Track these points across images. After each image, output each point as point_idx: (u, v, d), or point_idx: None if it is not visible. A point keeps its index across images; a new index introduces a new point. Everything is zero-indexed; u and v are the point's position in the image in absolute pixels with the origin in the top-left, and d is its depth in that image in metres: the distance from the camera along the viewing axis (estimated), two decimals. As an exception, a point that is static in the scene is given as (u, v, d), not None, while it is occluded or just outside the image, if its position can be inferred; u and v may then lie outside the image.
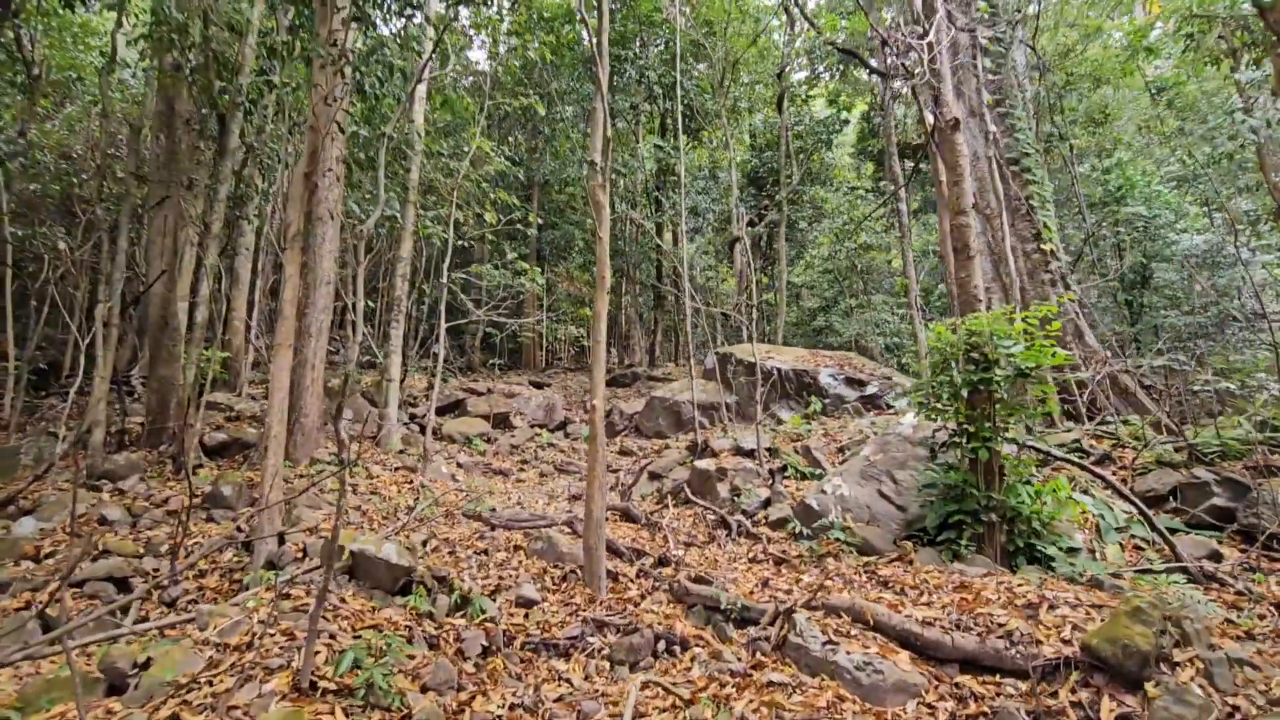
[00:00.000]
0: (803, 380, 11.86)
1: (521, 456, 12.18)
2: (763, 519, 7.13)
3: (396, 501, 7.35)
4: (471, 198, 11.31)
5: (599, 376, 5.74)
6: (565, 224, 21.90)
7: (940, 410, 5.76)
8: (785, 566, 5.65)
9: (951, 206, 6.19)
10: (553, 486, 10.56)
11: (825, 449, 8.94)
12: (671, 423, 13.31)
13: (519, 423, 13.62)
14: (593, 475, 5.51)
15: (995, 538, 5.38)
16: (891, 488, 6.38)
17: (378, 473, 8.71)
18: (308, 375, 9.19)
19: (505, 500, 8.85)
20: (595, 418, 5.57)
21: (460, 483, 9.88)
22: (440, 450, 11.69)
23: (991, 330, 5.42)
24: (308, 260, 9.53)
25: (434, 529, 6.48)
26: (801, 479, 8.30)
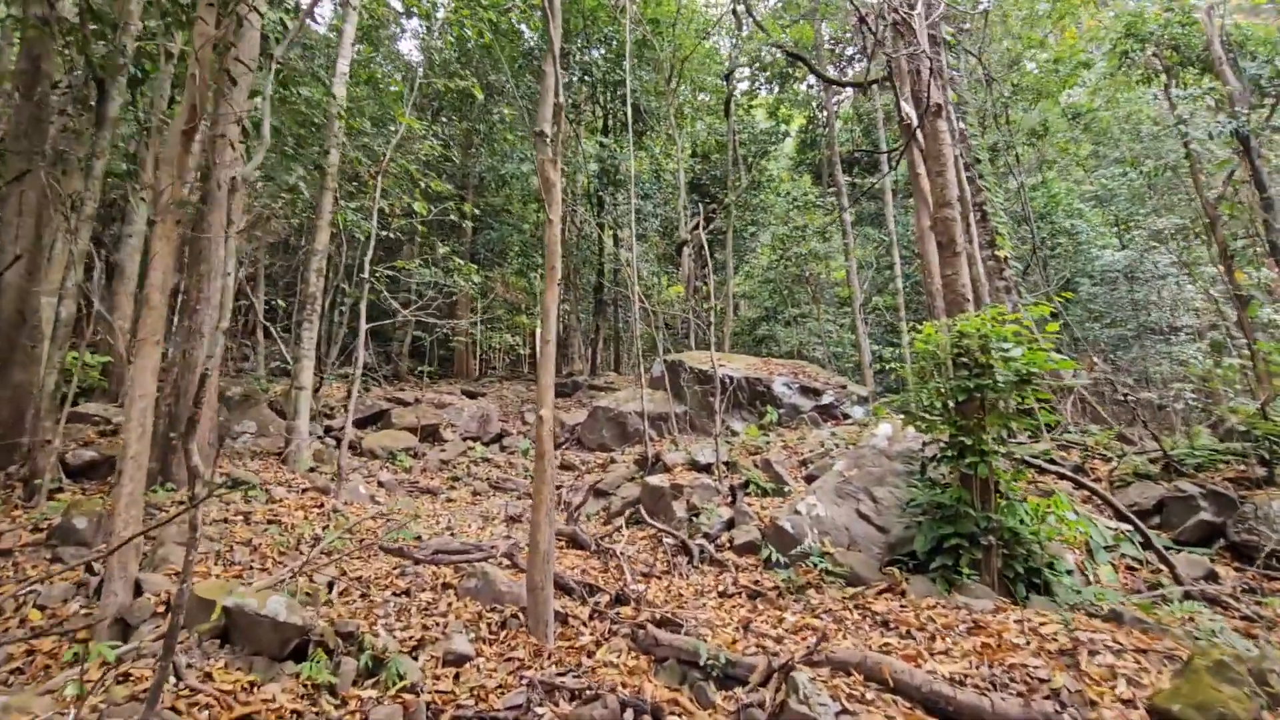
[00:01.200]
0: (755, 389, 11.30)
1: (452, 473, 11.06)
2: (727, 542, 6.40)
3: (301, 531, 6.20)
4: (400, 185, 10.19)
5: (547, 382, 4.87)
6: (503, 225, 20.81)
7: (929, 421, 5.18)
8: (762, 601, 4.92)
9: (935, 199, 5.70)
10: (488, 506, 9.54)
11: (787, 463, 8.33)
12: (616, 434, 12.49)
13: (450, 435, 12.46)
14: (539, 499, 4.63)
15: (992, 563, 4.82)
16: (870, 507, 5.77)
17: (281, 496, 7.48)
18: (197, 382, 7.85)
19: (433, 525, 7.78)
20: (543, 432, 4.70)
21: (382, 505, 8.72)
22: (360, 467, 10.44)
23: (986, 332, 4.89)
24: (202, 247, 8.21)
25: (344, 565, 5.41)
26: (764, 495, 7.64)
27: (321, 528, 6.59)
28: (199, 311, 8.03)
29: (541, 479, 4.67)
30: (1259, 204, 9.40)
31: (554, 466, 4.71)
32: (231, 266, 8.51)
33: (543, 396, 4.82)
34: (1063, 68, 14.64)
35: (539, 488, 4.66)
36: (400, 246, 15.11)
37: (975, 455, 4.81)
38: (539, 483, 4.67)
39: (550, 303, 4.97)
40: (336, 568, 5.32)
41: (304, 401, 9.39)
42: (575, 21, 18.30)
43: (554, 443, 12.53)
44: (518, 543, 6.50)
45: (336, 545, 5.87)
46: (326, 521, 6.98)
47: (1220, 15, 10.02)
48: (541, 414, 4.75)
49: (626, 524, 8.06)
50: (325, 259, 10.05)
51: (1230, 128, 9.39)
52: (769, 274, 24.97)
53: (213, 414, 8.01)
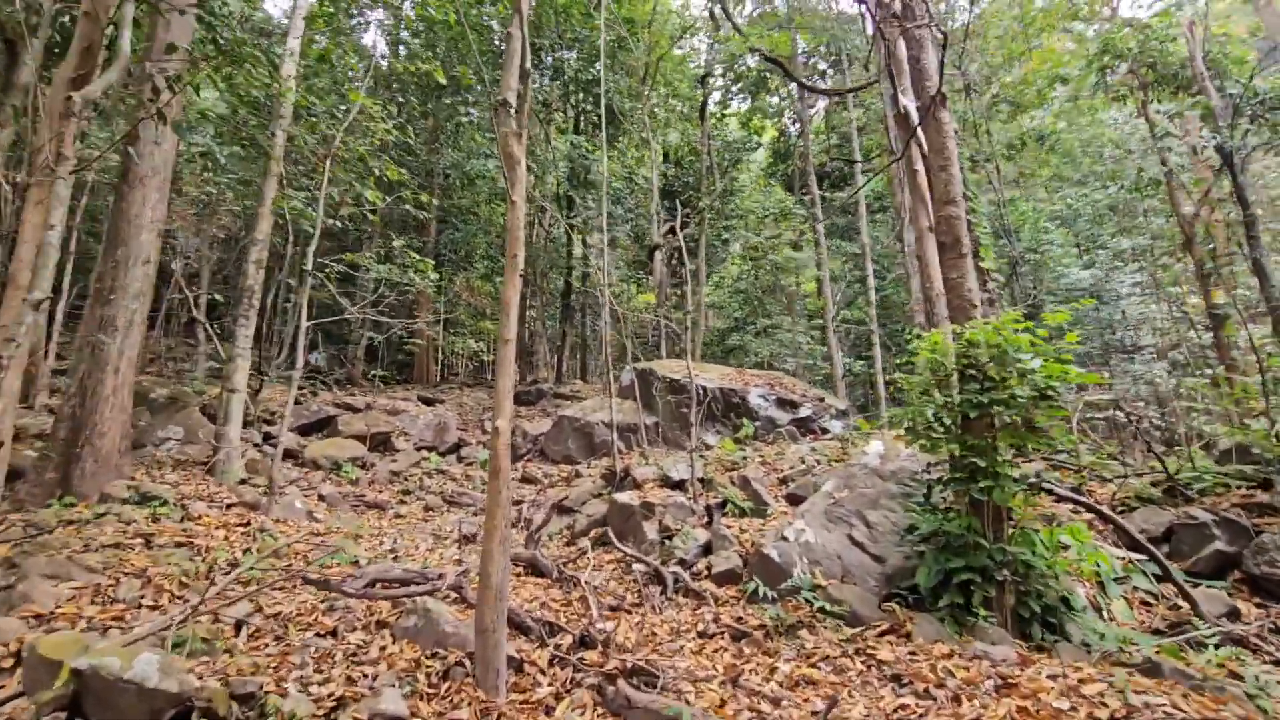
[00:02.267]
0: (730, 401, 10.74)
1: (404, 486, 10.21)
2: (705, 570, 5.76)
3: (215, 556, 5.35)
4: (353, 171, 9.37)
5: (505, 387, 4.19)
6: (468, 225, 19.98)
7: (934, 439, 4.65)
8: (748, 644, 4.29)
9: (938, 195, 5.21)
10: (440, 523, 8.73)
11: (765, 480, 7.76)
12: (582, 446, 11.79)
13: (403, 445, 11.59)
14: (492, 525, 3.93)
15: (1005, 600, 4.29)
16: (865, 533, 5.21)
17: (200, 513, 6.58)
18: (108, 381, 6.92)
19: (376, 546, 6.97)
20: (499, 445, 4.00)
21: (321, 522, 7.86)
22: (299, 479, 9.52)
23: (999, 342, 4.38)
24: (120, 228, 7.30)
25: (262, 599, 4.60)
26: (742, 515, 7.04)
27: (243, 551, 5.75)
28: (113, 302, 7.11)
29: (496, 501, 3.98)
30: (1241, 221, 9.26)
31: (511, 486, 4.02)
32: (154, 253, 7.62)
33: (500, 404, 4.13)
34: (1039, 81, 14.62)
35: (492, 511, 3.97)
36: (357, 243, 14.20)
37: (989, 479, 4.28)
38: (492, 505, 3.97)
39: (511, 296, 4.30)
40: (252, 602, 4.51)
41: (236, 405, 8.46)
42: (547, 17, 17.70)
43: (516, 454, 11.74)
44: (469, 570, 5.75)
45: (255, 573, 5.04)
46: (251, 543, 6.12)
47: (1203, 29, 9.93)
48: (498, 425, 4.06)
49: (593, 546, 7.38)
50: (266, 250, 9.16)
51: (1214, 143, 9.24)
52: (739, 284, 24.65)
53: (125, 417, 7.08)
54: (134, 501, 6.02)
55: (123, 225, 7.31)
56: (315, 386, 13.64)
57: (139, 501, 6.03)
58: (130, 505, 5.94)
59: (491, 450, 4.00)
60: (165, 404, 9.22)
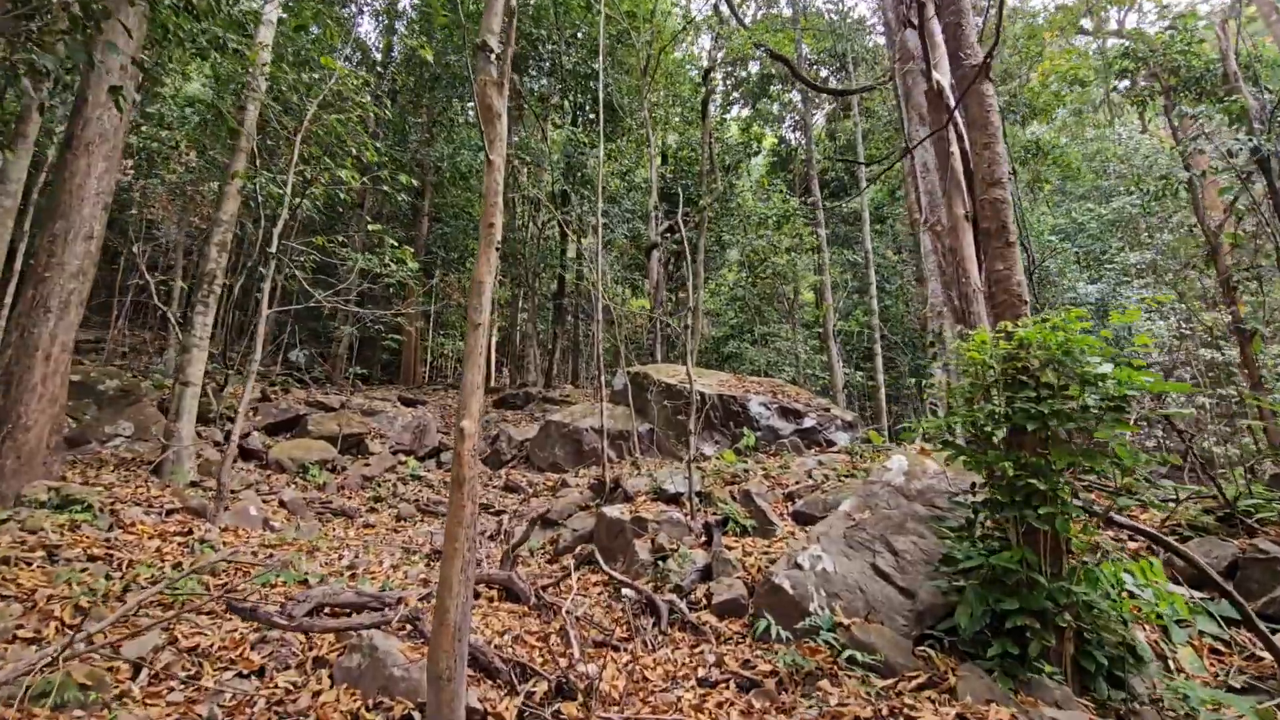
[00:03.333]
0: (729, 408, 10.05)
1: (375, 492, 9.44)
2: (704, 599, 5.05)
3: (136, 573, 4.59)
4: (328, 153, 8.66)
5: (474, 381, 3.47)
6: (459, 222, 19.27)
7: (978, 456, 3.96)
8: (759, 696, 3.58)
9: (981, 176, 4.56)
10: (412, 535, 7.98)
11: (769, 496, 7.06)
12: (570, 453, 11.06)
13: (377, 447, 10.82)
14: (452, 549, 3.20)
15: (1064, 649, 3.60)
16: (890, 562, 4.52)
17: (134, 519, 5.81)
18: (36, 369, 6.15)
19: (335, 560, 6.21)
20: (463, 449, 3.29)
21: (279, 530, 7.10)
22: (259, 483, 8.74)
23: (1060, 342, 3.71)
24: (61, 200, 6.55)
25: (180, 629, 3.85)
26: (744, 535, 6.34)
27: (173, 566, 4.98)
28: (48, 280, 6.35)
29: (458, 518, 3.25)
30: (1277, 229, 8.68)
31: (476, 500, 3.30)
32: (99, 228, 6.87)
33: (466, 402, 3.42)
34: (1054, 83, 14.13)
35: (453, 530, 3.24)
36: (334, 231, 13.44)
37: (1051, 505, 3.60)
38: (453, 524, 3.25)
39: (484, 274, 3.59)
40: (165, 632, 3.76)
41: (190, 400, 7.70)
42: (546, 11, 17.12)
43: (500, 460, 10.93)
44: (431, 596, 5.02)
45: (178, 594, 4.29)
46: (186, 556, 5.36)
47: (1236, 28, 9.41)
48: (463, 426, 3.35)
49: (577, 565, 6.65)
50: (231, 233, 8.42)
51: (1249, 145, 8.68)
52: (735, 291, 24.06)
53: (56, 410, 6.30)
54: (52, 506, 5.25)
55: (64, 196, 6.57)
56: (288, 383, 12.85)
57: (58, 506, 5.26)
58: (46, 510, 5.17)
59: (455, 455, 3.28)
60: (115, 397, 8.44)
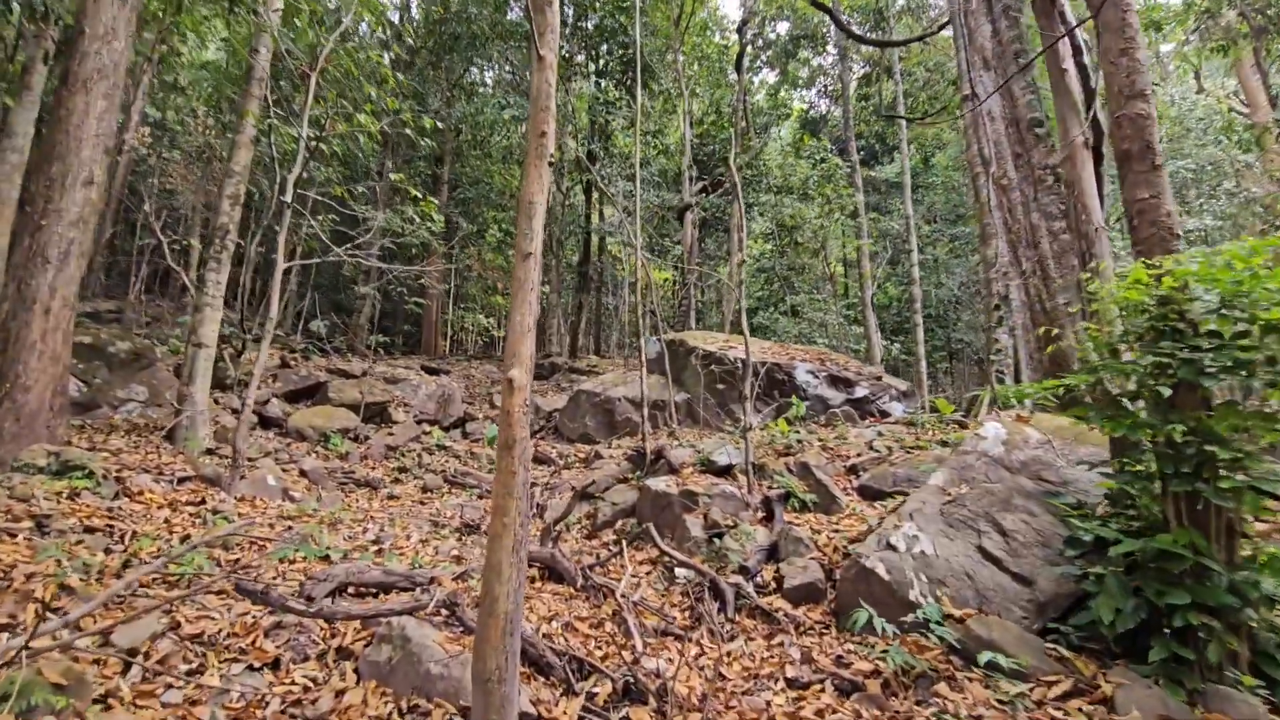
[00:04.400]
0: (774, 377, 9.39)
1: (400, 462, 8.96)
2: (773, 581, 4.46)
3: (138, 547, 4.09)
4: (345, 95, 8.01)
5: (523, 325, 2.86)
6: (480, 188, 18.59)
7: (1128, 421, 3.28)
8: (864, 702, 2.98)
9: (1119, 88, 3.79)
10: (439, 507, 7.49)
11: (829, 469, 6.43)
12: (602, 424, 10.50)
13: (401, 416, 10.34)
14: (501, 525, 2.62)
15: (1243, 651, 2.95)
16: (999, 543, 3.87)
17: (142, 488, 5.33)
18: (35, 324, 5.66)
19: (357, 534, 5.71)
20: (513, 404, 2.69)
21: (298, 501, 6.63)
22: (279, 451, 8.29)
23: (1240, 279, 2.99)
24: (57, 141, 6.00)
25: (183, 613, 3.33)
26: (803, 510, 5.73)
27: (181, 538, 4.49)
28: (44, 229, 5.82)
29: (508, 488, 2.66)
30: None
31: (529, 467, 2.70)
32: (99, 172, 6.32)
33: (515, 347, 2.81)
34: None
35: (502, 502, 2.65)
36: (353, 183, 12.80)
37: (1225, 477, 2.92)
38: (502, 494, 2.66)
39: (536, 192, 2.95)
40: (167, 616, 3.25)
41: (203, 362, 7.21)
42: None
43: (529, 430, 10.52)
44: (470, 572, 4.47)
45: (184, 569, 3.78)
46: (198, 528, 4.88)
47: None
48: (512, 376, 2.75)
49: (618, 540, 6.11)
50: (244, 185, 7.85)
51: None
52: (762, 262, 23.19)
53: (58, 369, 5.82)
54: (50, 472, 4.77)
55: (60, 137, 6.01)
56: (309, 351, 12.40)
57: (57, 472, 4.79)
58: (44, 476, 4.70)
59: (504, 414, 2.69)
60: (127, 360, 7.98)
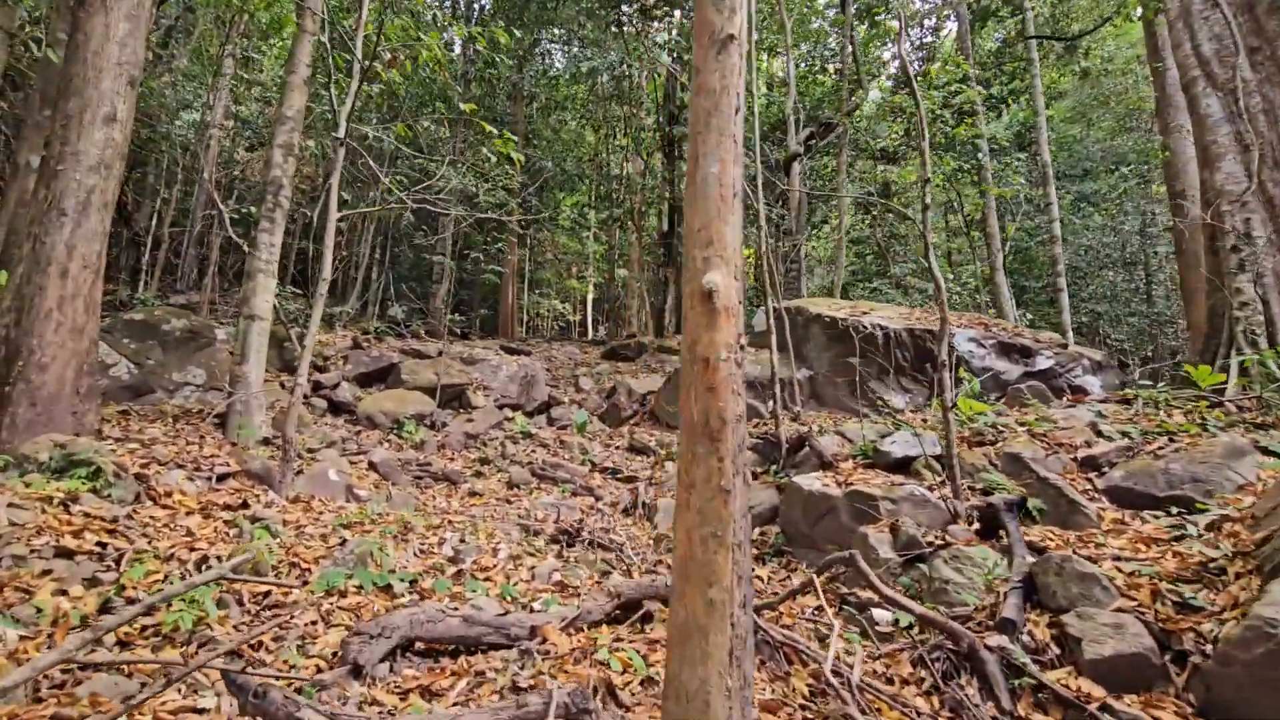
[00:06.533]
0: (925, 347, 7.59)
1: (481, 452, 7.79)
2: (1051, 642, 2.83)
3: (132, 576, 2.93)
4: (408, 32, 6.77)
5: (721, 182, 1.35)
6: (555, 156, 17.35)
7: None
8: None
9: None
10: (528, 506, 6.23)
11: (1051, 463, 4.67)
12: (708, 407, 8.99)
13: (481, 400, 9.20)
14: (706, 608, 1.14)
15: None
16: None
17: (174, 486, 4.26)
18: (51, 289, 4.69)
19: (432, 546, 4.46)
20: (713, 343, 1.20)
21: (365, 500, 5.49)
22: (347, 440, 7.26)
23: None
24: (73, 74, 5.00)
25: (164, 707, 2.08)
26: (1025, 521, 4.04)
27: (196, 563, 3.32)
28: (61, 175, 4.84)
29: (710, 523, 1.18)
30: None
31: (748, 478, 1.24)
32: (125, 109, 5.30)
33: (708, 220, 1.31)
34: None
35: (703, 564, 1.17)
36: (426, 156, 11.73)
37: None
38: (702, 544, 1.18)
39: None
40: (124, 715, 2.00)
41: (256, 337, 6.17)
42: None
43: (618, 416, 9.04)
44: (584, 618, 3.06)
45: (182, 617, 2.56)
46: (231, 540, 3.72)
47: None
48: (709, 283, 1.25)
49: (760, 557, 4.64)
50: (298, 133, 6.77)
51: None
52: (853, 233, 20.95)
53: (83, 344, 4.85)
54: (50, 469, 3.73)
55: (77, 67, 5.01)
56: (381, 331, 11.51)
57: (58, 470, 3.73)
58: (40, 475, 3.65)
59: (693, 362, 1.19)
60: (183, 339, 7.12)
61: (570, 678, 2.45)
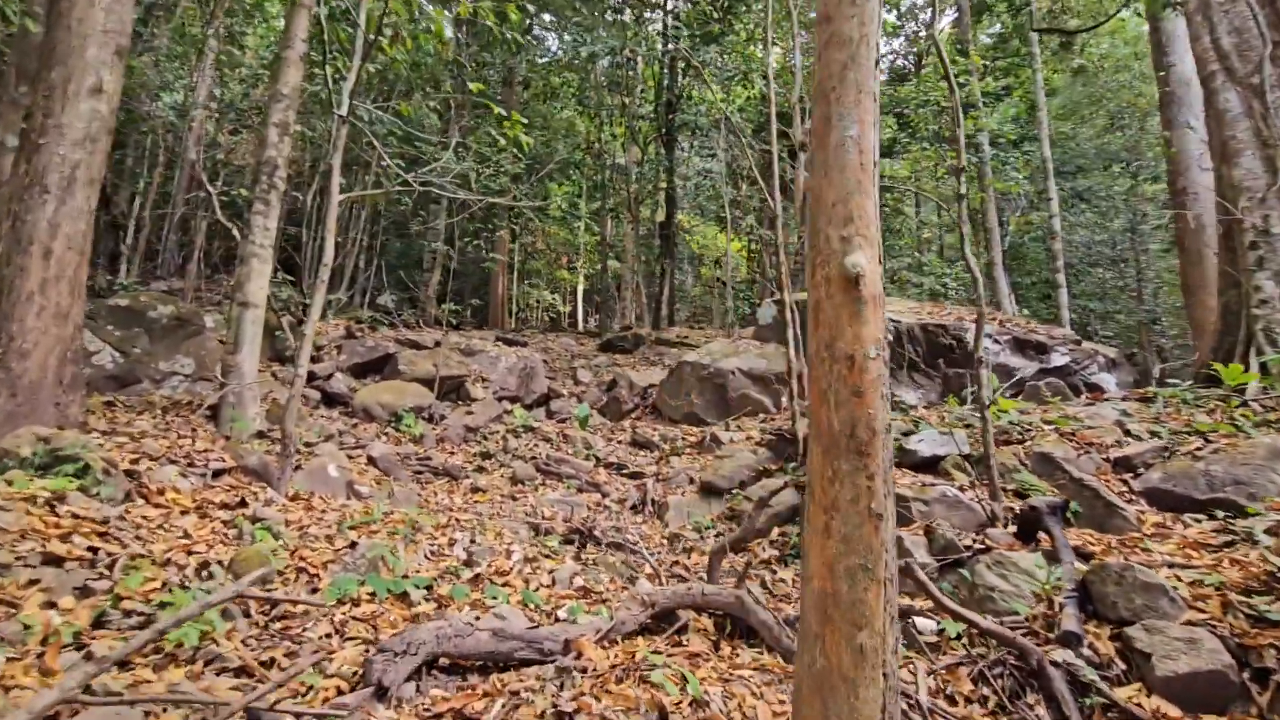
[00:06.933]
0: (937, 342, 7.45)
1: (482, 446, 7.55)
2: (1116, 657, 2.68)
3: (128, 584, 2.68)
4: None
5: (858, 144, 1.14)
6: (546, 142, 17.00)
7: None
8: None
9: None
10: (534, 503, 6.02)
11: (1087, 464, 4.54)
12: (712, 401, 8.81)
13: (480, 392, 8.94)
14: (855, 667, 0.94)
15: None
16: None
17: (168, 484, 4.00)
18: (33, 271, 4.39)
19: (443, 547, 4.23)
20: (859, 338, 1.00)
21: (367, 497, 5.26)
22: (345, 433, 6.98)
23: None
24: (57, 41, 4.67)
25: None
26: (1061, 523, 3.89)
27: (197, 566, 3.08)
28: (43, 149, 4.52)
29: (857, 550, 0.98)
30: None
31: (893, 514, 1.03)
32: (112, 79, 4.98)
33: (843, 201, 1.09)
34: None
35: (857, 605, 0.96)
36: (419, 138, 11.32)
37: None
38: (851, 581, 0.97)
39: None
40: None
41: (249, 325, 5.88)
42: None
43: (620, 410, 8.81)
44: (618, 630, 2.87)
45: (186, 636, 2.33)
46: (230, 544, 3.48)
47: None
48: (855, 269, 1.04)
49: (791, 560, 4.49)
50: (294, 110, 6.45)
51: None
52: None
53: (66, 330, 4.55)
54: (33, 465, 3.45)
55: (60, 34, 4.68)
56: (375, 321, 11.19)
57: (41, 466, 3.46)
58: (26, 473, 3.37)
59: (830, 360, 1.00)
60: (170, 326, 6.80)
61: (616, 699, 2.25)
